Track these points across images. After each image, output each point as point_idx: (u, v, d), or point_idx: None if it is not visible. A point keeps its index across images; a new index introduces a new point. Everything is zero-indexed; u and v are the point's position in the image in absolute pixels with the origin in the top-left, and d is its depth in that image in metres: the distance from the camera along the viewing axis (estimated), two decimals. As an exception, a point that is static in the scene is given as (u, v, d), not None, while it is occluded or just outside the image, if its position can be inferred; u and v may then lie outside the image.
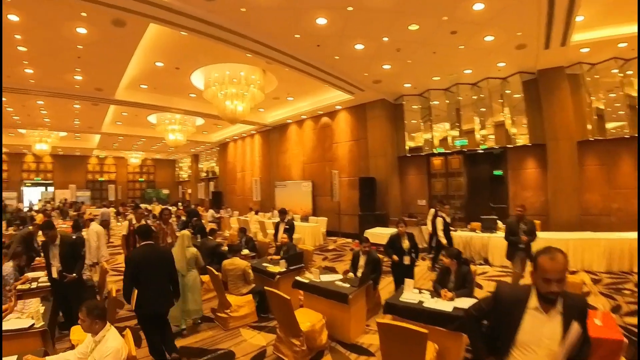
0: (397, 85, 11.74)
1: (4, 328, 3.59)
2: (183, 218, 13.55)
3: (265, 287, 4.51)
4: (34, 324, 3.77)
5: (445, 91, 12.07)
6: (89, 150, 25.98)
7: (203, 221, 15.49)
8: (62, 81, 10.71)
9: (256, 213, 15.14)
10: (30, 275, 5.67)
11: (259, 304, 5.58)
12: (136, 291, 3.93)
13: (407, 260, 5.85)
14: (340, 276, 5.36)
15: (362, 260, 5.69)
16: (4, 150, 23.71)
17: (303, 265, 6.54)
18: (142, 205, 21.73)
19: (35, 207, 22.19)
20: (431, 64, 9.77)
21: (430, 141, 12.53)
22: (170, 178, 33.37)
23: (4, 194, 24.16)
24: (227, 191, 23.09)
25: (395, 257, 5.87)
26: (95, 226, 7.31)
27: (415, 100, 12.75)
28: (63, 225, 12.81)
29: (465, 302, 3.91)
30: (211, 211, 17.56)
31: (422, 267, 8.64)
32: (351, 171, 13.86)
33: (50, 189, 27.18)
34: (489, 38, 7.99)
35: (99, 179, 29.53)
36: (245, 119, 12.17)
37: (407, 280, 4.58)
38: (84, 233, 7.75)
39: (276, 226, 8.82)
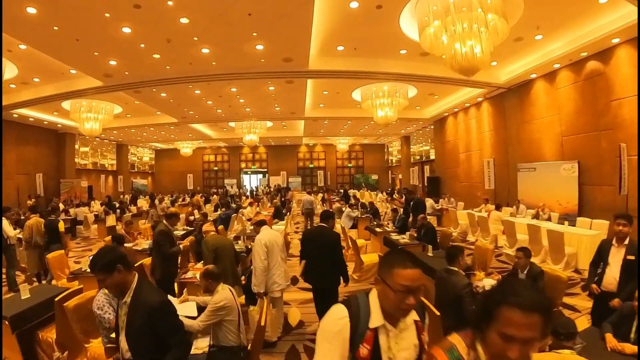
0: None
1: None
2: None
3: None
4: None
5: None
6: (298, 138, 27.91)
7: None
8: (243, 55, 10.01)
9: (497, 208, 11.43)
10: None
11: None
12: (304, 262, 4.81)
13: None
14: None
15: None
16: (224, 144, 30.28)
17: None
18: (351, 192, 20.80)
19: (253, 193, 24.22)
20: None
21: None
22: (379, 163, 32.94)
23: (226, 180, 31.06)
24: (446, 176, 19.89)
25: None
26: (266, 232, 4.87)
27: None
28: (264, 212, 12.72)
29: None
30: (430, 201, 14.84)
31: None
32: (649, 144, 8.67)
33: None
34: None
35: (309, 166, 32.15)
36: (476, 76, 8.70)
37: None
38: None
39: (600, 249, 4.25)
